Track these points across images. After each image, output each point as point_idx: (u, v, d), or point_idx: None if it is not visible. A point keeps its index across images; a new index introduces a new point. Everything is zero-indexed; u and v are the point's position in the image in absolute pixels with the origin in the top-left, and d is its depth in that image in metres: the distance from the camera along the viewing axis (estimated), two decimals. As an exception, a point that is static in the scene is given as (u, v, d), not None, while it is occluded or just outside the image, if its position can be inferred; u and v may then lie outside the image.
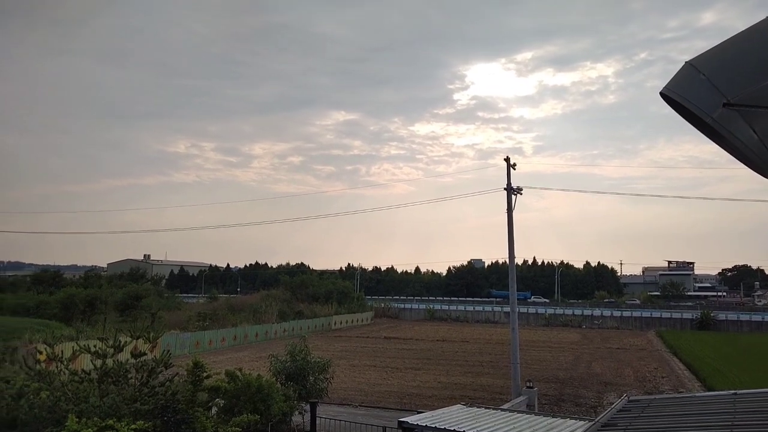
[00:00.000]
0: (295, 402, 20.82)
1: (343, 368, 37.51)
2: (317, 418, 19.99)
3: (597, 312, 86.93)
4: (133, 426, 15.00)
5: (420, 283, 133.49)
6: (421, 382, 34.70)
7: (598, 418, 10.54)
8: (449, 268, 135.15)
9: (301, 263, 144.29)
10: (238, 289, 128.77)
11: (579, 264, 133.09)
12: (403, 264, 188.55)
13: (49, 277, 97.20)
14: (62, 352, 20.58)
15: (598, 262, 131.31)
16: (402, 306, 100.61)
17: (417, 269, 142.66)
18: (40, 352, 21.82)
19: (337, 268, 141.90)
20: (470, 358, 45.57)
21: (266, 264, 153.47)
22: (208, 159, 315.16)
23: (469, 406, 16.15)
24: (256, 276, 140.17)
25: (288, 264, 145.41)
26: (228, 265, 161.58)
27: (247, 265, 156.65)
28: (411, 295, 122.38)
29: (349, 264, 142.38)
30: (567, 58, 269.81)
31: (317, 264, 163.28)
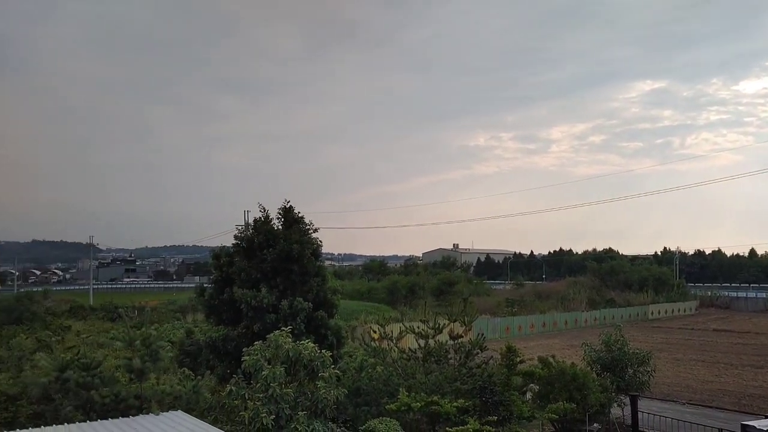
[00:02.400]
0: (613, 394, 19.78)
1: (665, 361, 34.32)
2: (639, 413, 18.64)
3: None
4: (454, 403, 16.03)
5: (757, 268, 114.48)
6: (764, 382, 29.75)
7: None
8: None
9: (609, 248, 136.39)
10: (543, 276, 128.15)
11: None
12: (733, 246, 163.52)
13: (376, 267, 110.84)
14: (391, 332, 23.07)
15: None
16: (734, 294, 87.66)
17: (752, 251, 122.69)
18: (374, 332, 24.82)
19: (651, 252, 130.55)
20: (834, 358, 37.41)
21: (570, 250, 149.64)
22: (506, 149, 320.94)
23: (839, 416, 13.20)
24: (561, 262, 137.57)
25: (594, 250, 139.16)
26: (531, 252, 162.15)
27: (551, 251, 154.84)
28: (745, 282, 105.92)
29: (665, 248, 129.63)
30: None
31: (627, 249, 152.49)
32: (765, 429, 11.57)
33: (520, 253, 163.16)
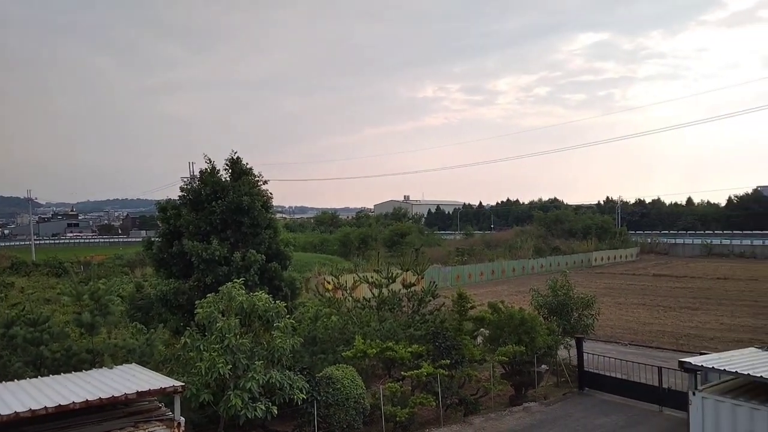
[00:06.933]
0: (560, 336, 20.61)
1: (608, 305, 35.92)
2: (584, 354, 19.53)
3: None
4: (409, 349, 16.41)
5: (693, 216, 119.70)
6: (699, 322, 31.57)
7: None
8: (730, 197, 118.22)
9: (555, 198, 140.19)
10: (492, 226, 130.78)
11: None
12: (672, 195, 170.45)
13: (328, 219, 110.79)
14: (345, 282, 23.24)
15: None
16: (672, 241, 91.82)
17: (689, 200, 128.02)
18: (329, 282, 24.95)
19: (594, 202, 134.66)
20: (761, 298, 39.87)
21: (518, 200, 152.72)
22: (454, 100, 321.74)
23: (765, 350, 14.12)
24: (509, 213, 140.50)
25: (540, 200, 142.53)
26: (480, 202, 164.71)
27: (499, 202, 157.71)
28: (682, 229, 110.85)
29: (607, 197, 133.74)
30: None
31: (572, 198, 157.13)
32: (699, 364, 12.26)
33: (469, 203, 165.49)
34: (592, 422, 16.45)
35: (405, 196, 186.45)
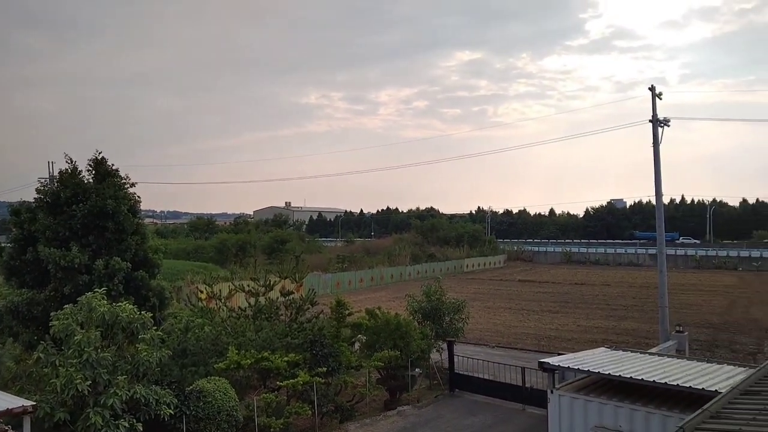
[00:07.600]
0: (433, 340, 21.31)
1: (478, 310, 37.67)
2: (455, 357, 20.33)
3: (756, 253, 79.24)
4: (285, 358, 16.20)
5: (555, 226, 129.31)
6: (559, 325, 34.01)
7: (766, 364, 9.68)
8: (587, 209, 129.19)
9: (431, 207, 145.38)
10: (372, 234, 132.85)
11: (734, 202, 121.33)
12: (536, 206, 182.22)
13: (203, 225, 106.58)
14: (220, 291, 22.50)
15: (757, 199, 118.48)
16: (536, 249, 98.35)
17: (551, 211, 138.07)
18: (201, 292, 24.03)
19: (467, 211, 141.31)
20: (612, 302, 43.81)
21: (397, 209, 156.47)
22: (337, 108, 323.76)
23: (614, 350, 15.51)
24: (388, 221, 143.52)
25: (418, 208, 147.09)
26: (361, 210, 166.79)
27: (379, 210, 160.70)
28: (545, 238, 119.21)
29: (479, 207, 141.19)
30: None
31: (446, 208, 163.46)
32: (557, 364, 13.21)
33: (351, 211, 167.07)
34: (462, 422, 17.16)
35: (286, 203, 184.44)
